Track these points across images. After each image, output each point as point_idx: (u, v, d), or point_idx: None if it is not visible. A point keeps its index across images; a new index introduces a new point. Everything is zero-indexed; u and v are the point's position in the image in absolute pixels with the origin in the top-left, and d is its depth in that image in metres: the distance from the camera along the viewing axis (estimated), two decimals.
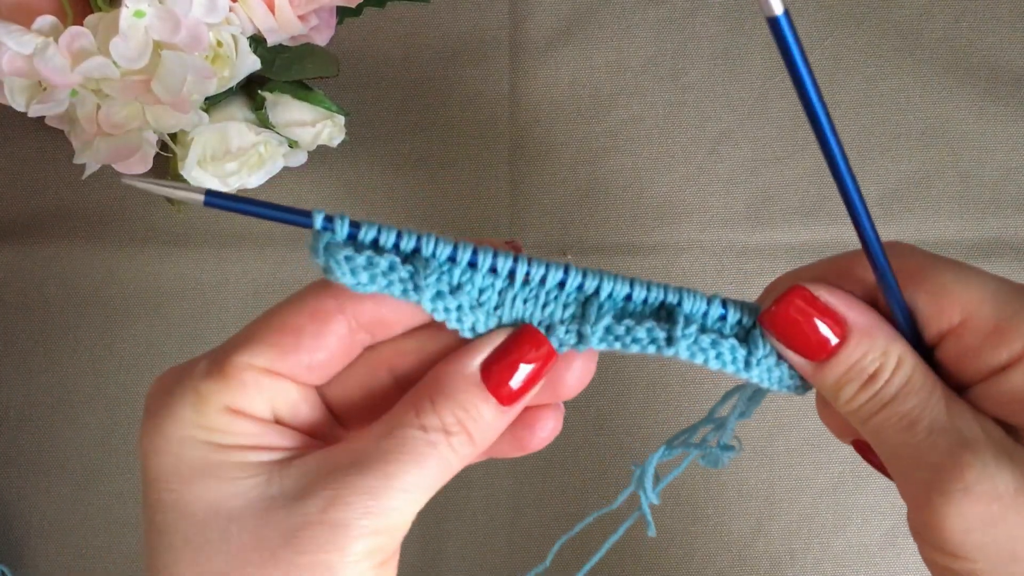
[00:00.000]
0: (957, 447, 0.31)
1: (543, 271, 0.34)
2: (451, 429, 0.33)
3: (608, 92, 0.66)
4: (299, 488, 0.32)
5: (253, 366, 0.33)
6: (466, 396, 0.33)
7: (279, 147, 0.61)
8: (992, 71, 0.66)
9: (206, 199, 0.33)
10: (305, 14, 0.57)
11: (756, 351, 0.35)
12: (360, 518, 0.32)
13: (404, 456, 0.32)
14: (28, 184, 0.65)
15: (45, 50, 0.50)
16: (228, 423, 0.33)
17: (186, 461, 0.32)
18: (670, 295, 0.35)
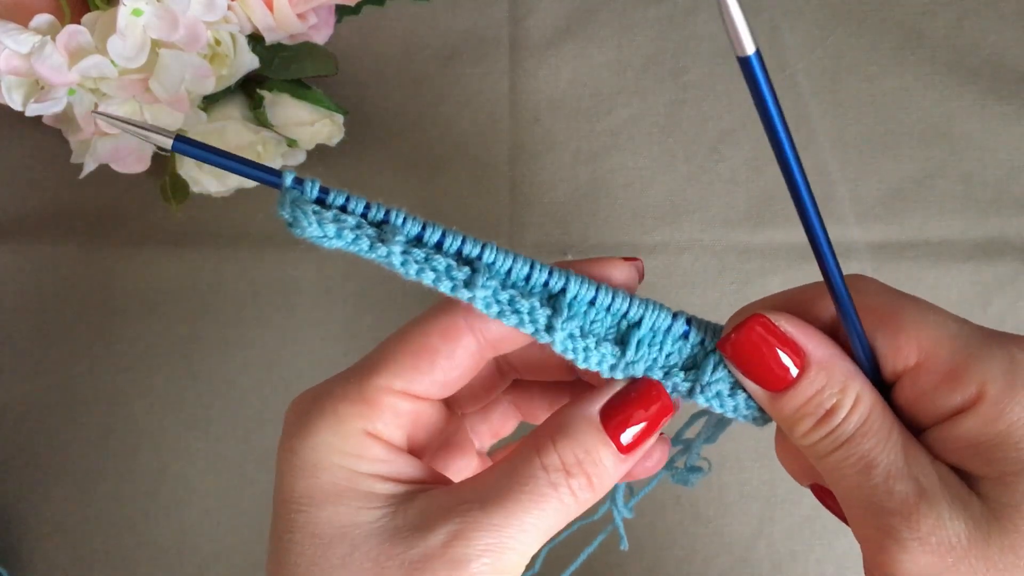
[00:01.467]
0: (913, 495, 0.31)
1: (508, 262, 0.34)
2: (572, 470, 0.33)
3: (608, 91, 0.66)
4: (422, 521, 0.32)
5: (392, 389, 0.34)
6: (586, 438, 0.33)
7: (277, 146, 0.61)
8: (994, 70, 0.65)
9: (174, 144, 0.32)
10: (304, 12, 0.57)
11: (703, 376, 0.35)
12: (481, 555, 0.32)
13: (525, 496, 0.33)
14: (26, 184, 0.65)
15: (43, 49, 0.50)
16: (365, 448, 0.34)
17: (321, 484, 0.33)
18: (633, 308, 0.35)
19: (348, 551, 0.32)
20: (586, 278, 0.35)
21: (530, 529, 0.32)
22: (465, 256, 0.34)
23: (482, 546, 0.32)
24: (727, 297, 0.63)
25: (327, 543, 0.32)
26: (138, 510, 0.62)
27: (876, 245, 0.63)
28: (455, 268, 0.34)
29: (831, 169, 0.64)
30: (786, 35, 0.67)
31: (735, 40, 0.27)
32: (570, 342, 0.35)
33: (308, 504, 0.33)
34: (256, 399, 0.62)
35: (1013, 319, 0.62)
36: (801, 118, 0.65)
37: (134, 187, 0.64)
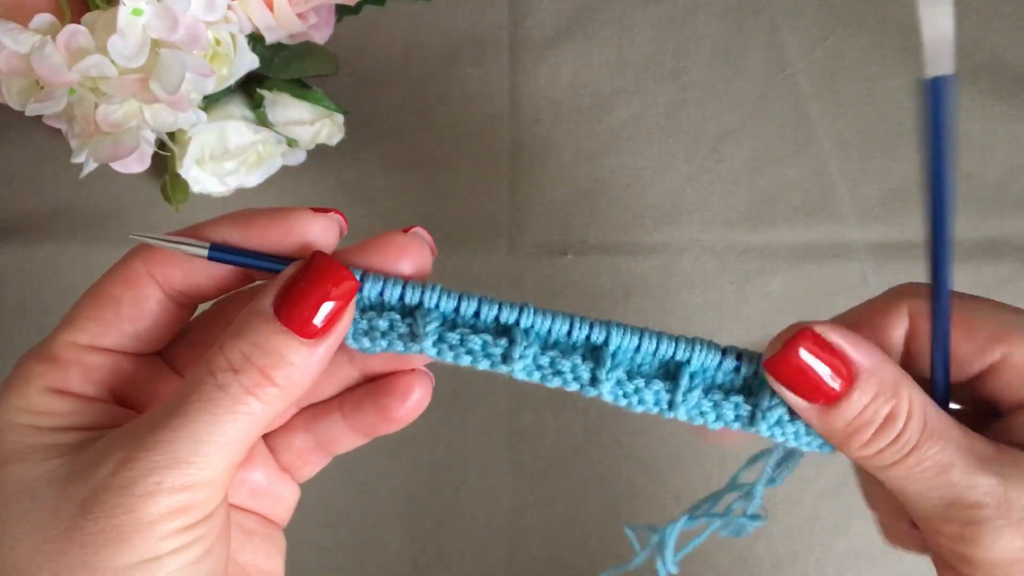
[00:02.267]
0: (997, 483, 0.32)
1: (547, 322, 0.34)
2: (240, 367, 0.31)
3: (608, 91, 0.66)
4: (96, 458, 0.31)
5: (75, 344, 0.33)
6: (255, 331, 0.31)
7: (278, 146, 0.61)
8: (995, 70, 0.65)
9: (210, 254, 0.33)
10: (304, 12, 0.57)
11: (761, 403, 0.34)
12: (148, 474, 0.30)
13: (193, 405, 0.31)
14: (26, 183, 0.65)
15: (43, 48, 0.49)
16: (49, 404, 0.33)
17: (6, 445, 0.32)
18: (681, 351, 0.34)
19: (29, 504, 0.31)
20: (627, 327, 0.34)
21: (205, 438, 0.30)
22: (502, 323, 0.34)
23: (149, 465, 0.30)
24: (727, 297, 0.63)
25: (12, 500, 0.31)
26: None
27: (876, 245, 0.63)
28: (491, 344, 0.34)
29: (831, 169, 0.64)
30: (786, 35, 0.67)
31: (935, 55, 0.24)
32: (619, 389, 0.35)
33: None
34: None
35: None
36: (801, 118, 0.65)
37: (134, 187, 0.63)
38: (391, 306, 0.34)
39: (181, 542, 0.31)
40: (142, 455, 0.30)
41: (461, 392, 0.62)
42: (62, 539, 0.30)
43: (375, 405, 0.37)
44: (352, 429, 0.39)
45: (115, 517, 0.30)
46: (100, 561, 0.30)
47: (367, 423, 0.38)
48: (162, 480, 0.30)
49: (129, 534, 0.30)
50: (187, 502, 0.31)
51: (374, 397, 0.37)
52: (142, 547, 0.30)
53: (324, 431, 0.39)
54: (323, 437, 0.39)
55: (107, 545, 0.30)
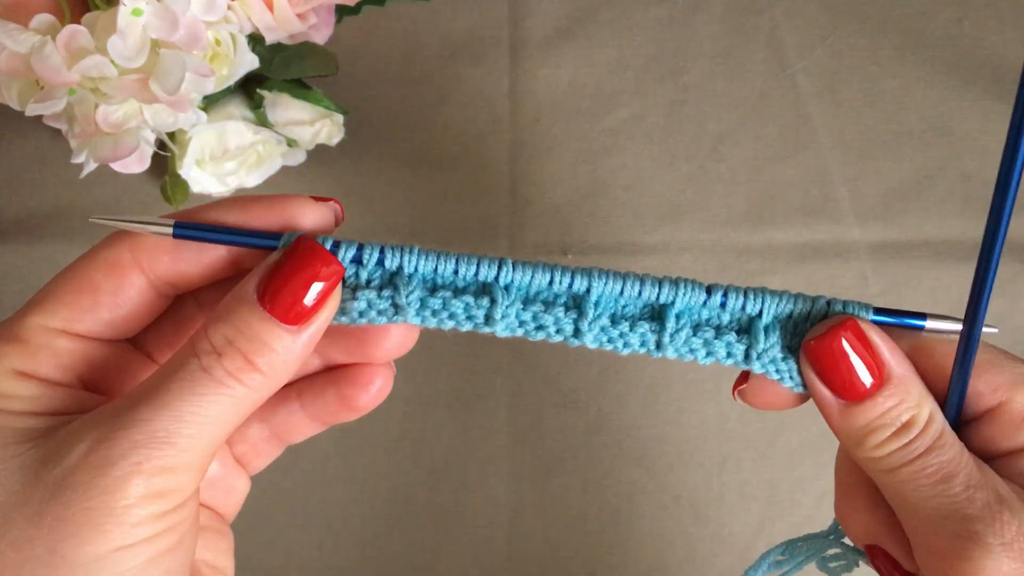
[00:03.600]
0: (996, 503, 0.32)
1: (527, 275, 0.34)
2: (224, 351, 0.30)
3: (609, 91, 0.66)
4: (69, 439, 0.30)
5: (46, 328, 0.32)
6: (238, 316, 0.30)
7: (278, 146, 0.61)
8: (994, 70, 0.65)
9: (175, 232, 0.33)
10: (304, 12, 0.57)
11: (757, 344, 0.34)
12: (127, 453, 0.29)
13: (176, 385, 0.30)
14: (26, 183, 0.65)
15: (42, 48, 0.49)
16: (15, 387, 0.32)
17: None
18: (664, 293, 0.34)
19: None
20: (609, 273, 0.34)
21: (188, 419, 0.29)
22: (483, 281, 0.34)
23: (129, 443, 0.29)
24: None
25: None
26: None
27: (876, 245, 0.63)
28: (472, 307, 0.34)
29: (831, 169, 0.64)
30: (786, 35, 0.67)
31: None
32: (603, 335, 0.35)
33: None
34: None
35: (1013, 319, 0.62)
36: (801, 118, 0.65)
37: (134, 187, 0.63)
38: (370, 280, 0.34)
39: (155, 530, 0.29)
40: (120, 433, 0.29)
41: (461, 392, 0.62)
42: (30, 525, 0.29)
43: (337, 394, 0.37)
44: (310, 417, 0.38)
45: (89, 500, 0.28)
46: (70, 548, 0.28)
47: (327, 411, 0.37)
48: (141, 461, 0.29)
49: (102, 519, 0.28)
50: (164, 487, 0.29)
51: (336, 386, 0.37)
52: (115, 533, 0.29)
53: (281, 420, 0.38)
54: (280, 427, 0.38)
55: (79, 531, 0.28)
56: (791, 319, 0.35)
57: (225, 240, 0.33)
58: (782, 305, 0.34)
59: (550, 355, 0.62)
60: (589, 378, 0.62)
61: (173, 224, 0.33)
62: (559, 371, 0.62)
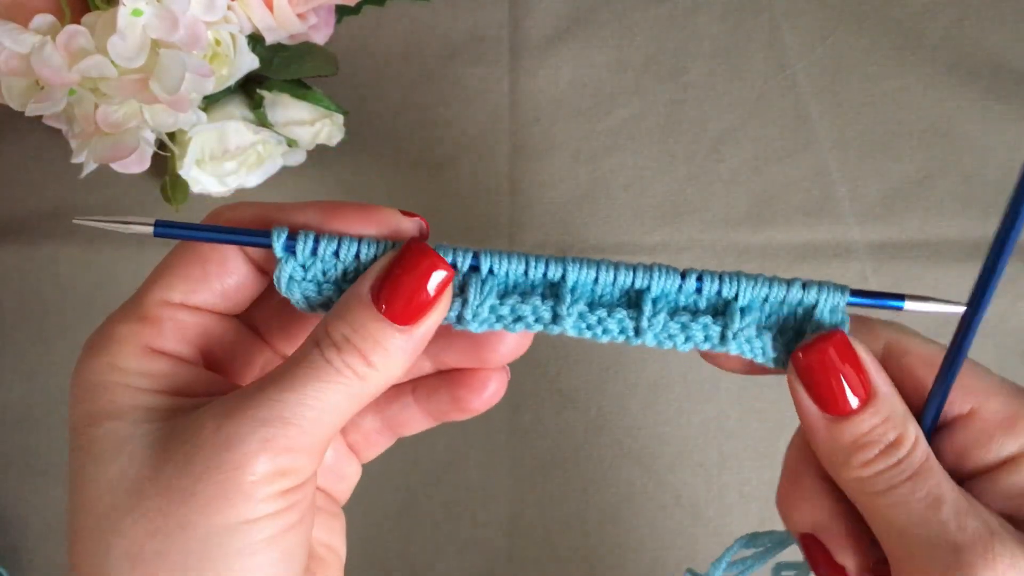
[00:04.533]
0: (987, 534, 0.31)
1: (504, 264, 0.34)
2: (342, 346, 0.32)
3: (609, 91, 0.66)
4: (198, 418, 0.31)
5: (168, 302, 0.34)
6: (354, 315, 0.32)
7: (278, 146, 0.61)
8: (995, 70, 0.65)
9: (156, 230, 0.34)
10: (304, 12, 0.57)
11: (732, 324, 0.35)
12: (255, 429, 0.30)
13: (301, 370, 0.31)
14: (26, 184, 0.65)
15: (43, 49, 0.50)
16: (146, 364, 0.33)
17: (101, 404, 0.32)
18: (639, 279, 0.35)
19: (126, 462, 0.31)
20: (584, 260, 0.35)
21: (311, 403, 0.31)
22: (460, 269, 0.34)
23: (256, 420, 0.30)
24: None
25: (106, 458, 0.31)
26: None
27: (876, 245, 0.63)
28: (456, 297, 0.34)
29: (831, 169, 0.64)
30: (786, 35, 0.67)
31: None
32: (581, 322, 0.35)
33: (89, 425, 0.32)
34: None
35: (1013, 319, 0.62)
36: (801, 118, 0.65)
37: (134, 187, 0.63)
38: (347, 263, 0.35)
39: (278, 506, 0.31)
40: (248, 412, 0.30)
41: None
42: (161, 497, 0.30)
43: (450, 395, 0.38)
44: (423, 413, 0.39)
45: (220, 474, 0.30)
46: (200, 520, 0.30)
47: (439, 410, 0.39)
48: (268, 439, 0.30)
49: (232, 493, 0.30)
50: (288, 466, 0.31)
51: (449, 387, 0.38)
52: (242, 508, 0.30)
53: (395, 414, 0.39)
54: (393, 419, 0.40)
55: (208, 504, 0.30)
56: (766, 301, 0.35)
57: (209, 238, 0.34)
58: (757, 288, 0.35)
59: (550, 355, 0.62)
60: (589, 378, 0.62)
61: (154, 223, 0.34)
62: (559, 371, 0.62)
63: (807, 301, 0.35)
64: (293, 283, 0.34)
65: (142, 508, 0.30)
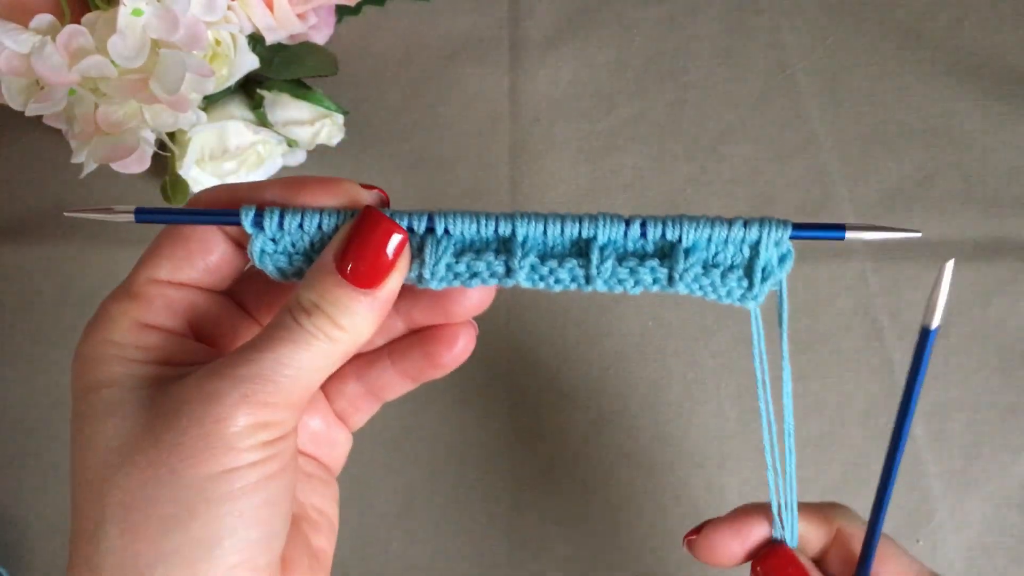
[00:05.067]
0: None
1: (459, 223, 0.36)
2: (311, 311, 0.34)
3: (608, 91, 0.66)
4: (187, 378, 0.34)
5: (155, 280, 0.36)
6: (320, 283, 0.34)
7: (278, 146, 0.61)
8: (995, 70, 0.65)
9: (137, 217, 0.37)
10: (304, 12, 0.57)
11: (678, 265, 0.36)
12: (236, 385, 0.33)
13: (276, 333, 0.34)
14: (26, 183, 0.65)
15: (43, 49, 0.50)
16: (138, 338, 0.35)
17: (97, 376, 0.35)
18: (585, 228, 0.36)
19: (120, 420, 0.33)
20: (532, 215, 0.36)
21: (286, 362, 0.33)
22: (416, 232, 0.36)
23: (236, 377, 0.33)
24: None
25: (101, 418, 0.34)
26: None
27: (876, 245, 0.63)
28: (414, 259, 0.36)
29: (831, 169, 0.64)
30: (786, 35, 0.67)
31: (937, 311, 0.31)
32: (534, 274, 0.36)
33: (87, 394, 0.35)
34: None
35: (1013, 319, 0.62)
36: (801, 118, 0.65)
37: (134, 187, 0.63)
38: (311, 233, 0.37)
39: (260, 456, 0.33)
40: (228, 370, 0.33)
41: (461, 391, 0.62)
42: (152, 448, 0.33)
43: (423, 352, 0.40)
44: (401, 375, 0.41)
45: (203, 426, 0.32)
46: (187, 469, 0.32)
47: (415, 368, 0.41)
48: (247, 394, 0.33)
49: (215, 443, 0.32)
50: (268, 418, 0.33)
51: (421, 345, 0.40)
52: (225, 457, 0.32)
53: (375, 378, 0.42)
54: (374, 384, 0.42)
55: (193, 454, 0.32)
56: (710, 241, 0.36)
57: (185, 220, 0.37)
58: (700, 229, 0.36)
59: (550, 355, 0.62)
60: (589, 378, 0.62)
61: (134, 210, 0.37)
62: (559, 371, 0.62)
63: (750, 238, 0.36)
64: (265, 256, 0.37)
65: (133, 460, 0.33)
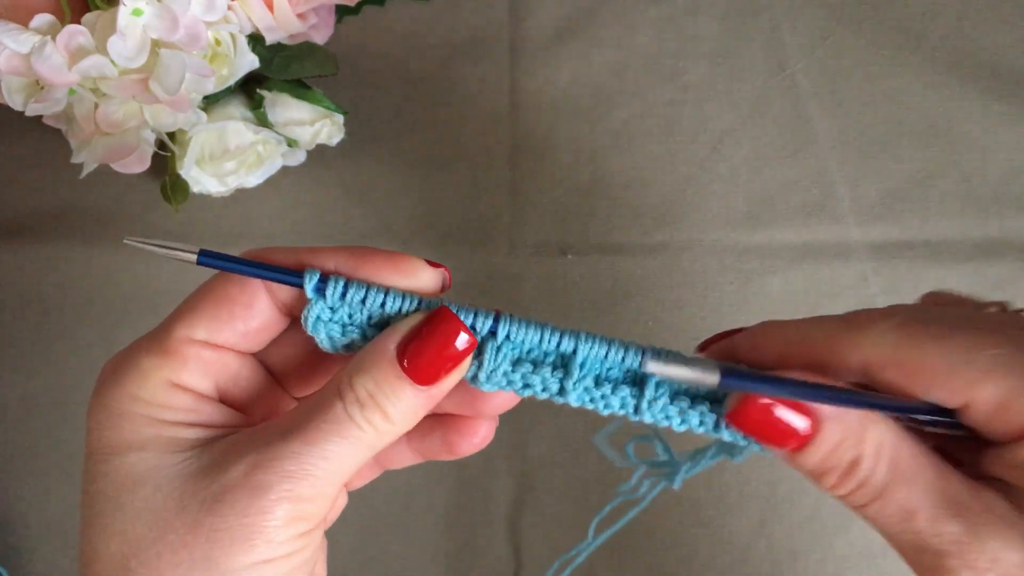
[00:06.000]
0: (963, 534, 0.31)
1: (521, 331, 0.35)
2: (365, 402, 0.34)
3: (608, 91, 0.66)
4: (224, 457, 0.33)
5: (193, 340, 0.35)
6: (379, 371, 0.34)
7: (278, 146, 0.61)
8: (995, 70, 0.65)
9: (199, 259, 0.35)
10: (304, 12, 0.57)
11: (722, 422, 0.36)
12: (281, 481, 0.32)
13: (325, 424, 0.33)
14: (26, 184, 0.65)
15: (43, 48, 0.50)
16: (169, 397, 0.35)
17: (125, 434, 0.34)
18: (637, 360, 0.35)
19: (151, 493, 0.33)
20: (596, 337, 0.35)
21: (332, 457, 0.33)
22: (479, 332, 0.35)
23: (283, 472, 0.32)
24: (727, 297, 0.63)
25: (130, 487, 0.33)
26: None
27: (876, 245, 0.63)
28: (473, 359, 0.35)
29: (831, 169, 0.64)
30: (786, 35, 0.67)
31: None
32: (586, 395, 0.36)
33: (112, 453, 0.34)
34: None
35: None
36: (801, 118, 0.65)
37: (134, 187, 0.63)
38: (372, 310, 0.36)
39: (293, 548, 0.33)
40: (276, 463, 0.32)
41: None
42: (188, 532, 0.32)
43: (442, 437, 0.40)
44: (412, 451, 0.41)
45: (246, 517, 0.32)
46: (223, 558, 0.32)
47: (429, 449, 0.41)
48: (291, 488, 0.32)
49: (254, 535, 0.32)
50: (304, 512, 0.33)
51: (442, 430, 0.40)
52: (263, 548, 0.32)
53: (386, 450, 0.40)
54: (383, 454, 0.41)
55: (233, 543, 0.32)
56: None
57: (247, 272, 0.35)
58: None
59: None
60: None
61: (198, 251, 0.35)
62: None
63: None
64: (320, 323, 0.36)
65: (167, 540, 0.32)
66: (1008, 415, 0.31)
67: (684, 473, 0.41)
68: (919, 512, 0.32)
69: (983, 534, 0.31)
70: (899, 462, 0.33)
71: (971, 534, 0.31)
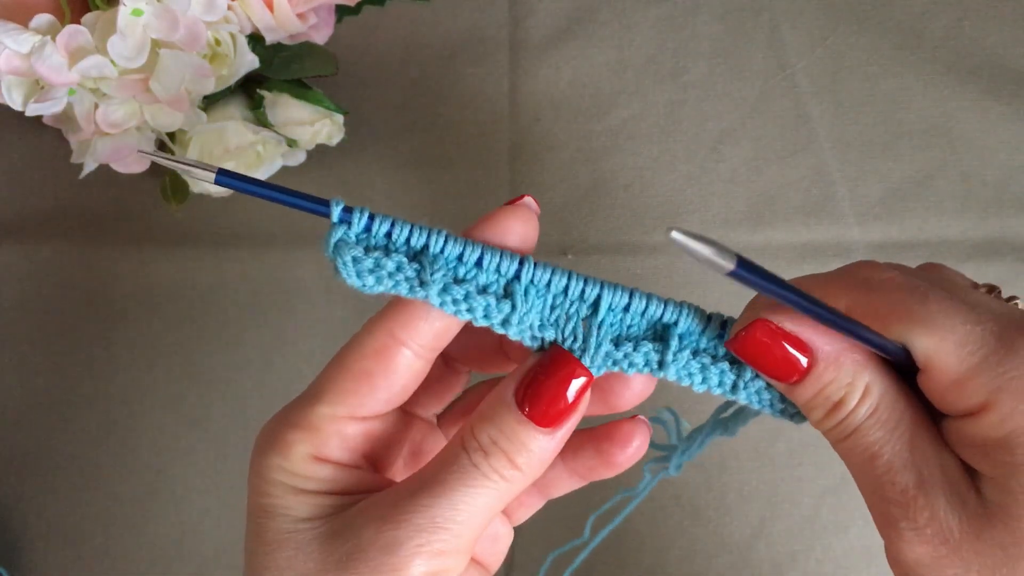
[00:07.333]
0: (912, 487, 0.32)
1: (547, 275, 0.35)
2: (489, 450, 0.34)
3: (608, 91, 0.66)
4: (358, 518, 0.34)
5: (334, 416, 0.36)
6: (500, 418, 0.34)
7: (277, 146, 0.61)
8: (994, 71, 0.65)
9: (217, 178, 0.33)
10: (304, 12, 0.57)
11: (744, 373, 0.36)
12: (413, 536, 0.33)
13: (451, 476, 0.34)
14: (25, 184, 0.65)
15: (43, 48, 0.50)
16: (311, 470, 0.36)
17: (272, 500, 0.36)
18: (669, 312, 0.35)
19: (292, 554, 0.34)
20: (619, 285, 0.35)
21: (461, 508, 0.33)
22: (505, 274, 0.35)
23: (413, 527, 0.33)
24: (727, 297, 0.63)
25: (275, 548, 0.35)
26: (138, 510, 0.62)
27: (876, 245, 0.63)
28: (493, 308, 0.35)
29: (831, 169, 0.64)
30: (786, 35, 0.67)
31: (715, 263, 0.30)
32: (608, 359, 0.36)
33: (261, 516, 0.36)
34: (256, 399, 0.62)
35: None
36: (801, 118, 0.65)
37: (134, 187, 0.63)
38: (398, 247, 0.35)
39: None
40: (405, 518, 0.33)
41: None
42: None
43: (595, 450, 0.40)
44: (570, 472, 0.41)
45: (379, 574, 0.33)
46: None
47: (586, 467, 0.41)
48: (423, 544, 0.33)
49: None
50: (439, 567, 0.34)
51: (594, 443, 0.40)
52: None
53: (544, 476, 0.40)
54: (542, 481, 0.41)
55: None
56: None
57: (266, 195, 0.34)
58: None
59: None
60: None
61: (216, 170, 0.34)
62: None
63: None
64: (343, 246, 0.35)
65: None
66: (962, 390, 0.32)
67: (681, 455, 0.41)
68: (880, 456, 0.33)
69: (931, 492, 0.32)
70: (879, 409, 0.33)
71: (919, 488, 0.32)
